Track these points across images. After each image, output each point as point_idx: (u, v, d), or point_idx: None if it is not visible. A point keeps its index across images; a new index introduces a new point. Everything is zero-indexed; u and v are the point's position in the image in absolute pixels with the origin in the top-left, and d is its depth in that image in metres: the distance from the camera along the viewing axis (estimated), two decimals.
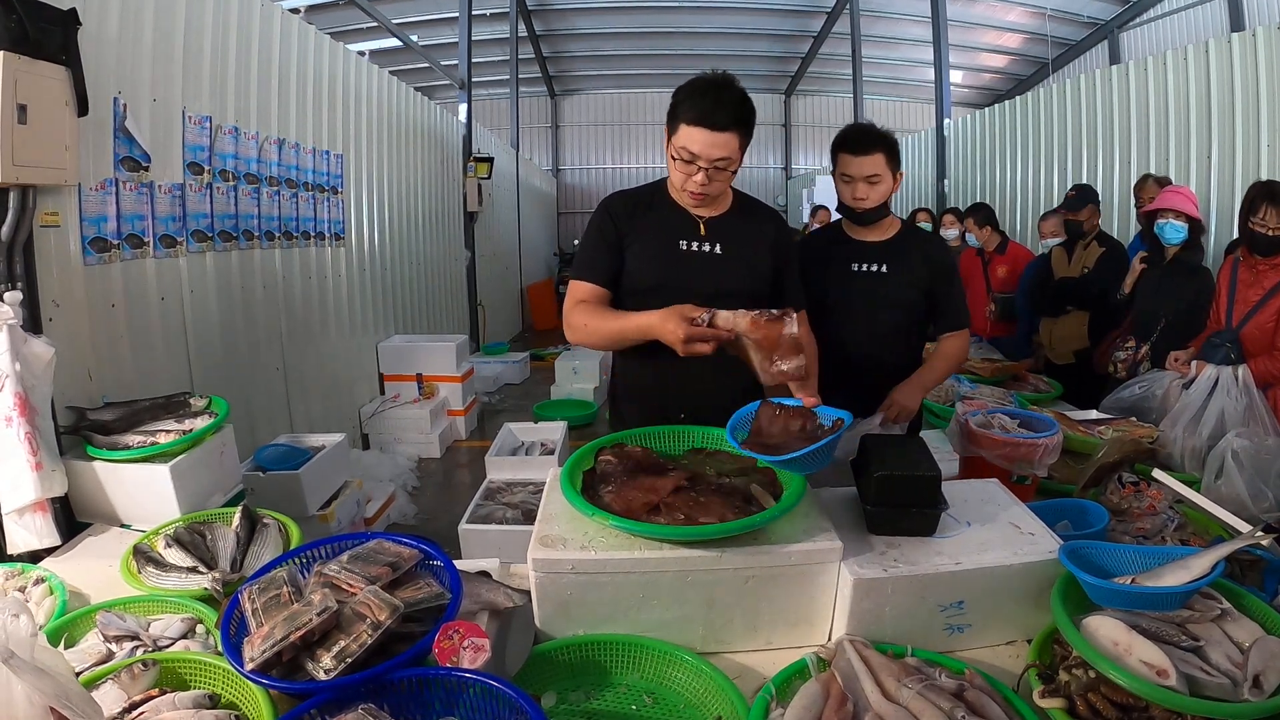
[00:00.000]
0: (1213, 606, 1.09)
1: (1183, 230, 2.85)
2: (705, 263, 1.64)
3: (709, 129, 1.47)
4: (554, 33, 11.67)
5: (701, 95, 1.47)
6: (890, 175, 1.83)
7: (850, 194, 1.85)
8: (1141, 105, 4.53)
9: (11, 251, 1.97)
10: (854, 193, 1.84)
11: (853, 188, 1.84)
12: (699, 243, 1.64)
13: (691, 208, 1.64)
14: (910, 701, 1.01)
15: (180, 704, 1.08)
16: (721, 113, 1.47)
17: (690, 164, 1.52)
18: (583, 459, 1.43)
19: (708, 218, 1.66)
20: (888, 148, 1.81)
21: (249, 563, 1.62)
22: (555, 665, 1.19)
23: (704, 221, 1.65)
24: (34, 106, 1.90)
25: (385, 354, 4.96)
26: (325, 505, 2.91)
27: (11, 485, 1.75)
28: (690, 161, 1.51)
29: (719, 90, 1.48)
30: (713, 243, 1.64)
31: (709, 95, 1.47)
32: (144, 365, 2.60)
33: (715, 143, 1.48)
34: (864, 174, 1.81)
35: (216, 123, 3.08)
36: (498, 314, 8.65)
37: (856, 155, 1.80)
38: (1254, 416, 2.18)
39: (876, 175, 1.81)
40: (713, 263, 1.64)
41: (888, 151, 1.80)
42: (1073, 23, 10.39)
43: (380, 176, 5.07)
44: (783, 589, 1.23)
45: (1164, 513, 1.61)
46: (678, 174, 1.56)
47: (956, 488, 1.48)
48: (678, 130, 1.51)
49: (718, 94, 1.48)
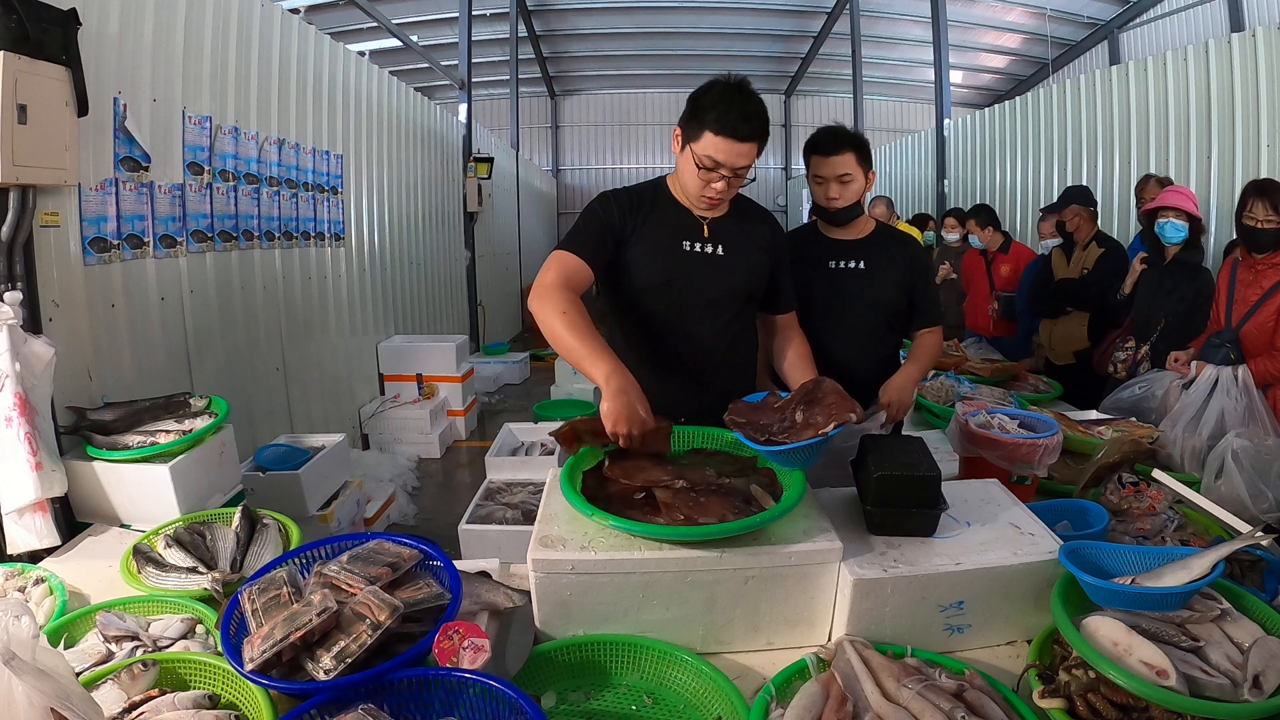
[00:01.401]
0: (1213, 607, 1.09)
1: (1183, 229, 2.85)
2: (709, 264, 1.65)
3: (736, 140, 1.49)
4: (554, 33, 11.66)
5: (729, 105, 1.48)
6: (862, 174, 1.88)
7: (824, 194, 1.91)
8: (1141, 105, 4.53)
9: (11, 251, 1.97)
10: (827, 193, 1.90)
11: (825, 188, 1.89)
12: (702, 244, 1.65)
13: (702, 211, 1.65)
14: (910, 702, 1.01)
15: (180, 704, 1.08)
16: (747, 125, 1.49)
17: (712, 171, 1.53)
18: (582, 459, 1.43)
19: (711, 219, 1.67)
20: (857, 147, 1.86)
21: (249, 563, 1.62)
22: (555, 665, 1.19)
23: (707, 223, 1.66)
24: (34, 106, 1.90)
25: (385, 354, 4.96)
26: (325, 505, 2.91)
27: (11, 485, 1.75)
28: (713, 169, 1.52)
29: (745, 100, 1.50)
30: (715, 244, 1.65)
31: (735, 105, 1.48)
32: (144, 365, 2.60)
33: (740, 152, 1.50)
34: (835, 174, 1.87)
35: (216, 123, 3.08)
36: (498, 314, 8.64)
37: (828, 156, 1.86)
38: (1254, 417, 2.18)
39: (848, 174, 1.87)
40: (716, 264, 1.65)
41: (858, 151, 1.86)
42: (1073, 23, 10.39)
43: (380, 176, 5.07)
44: (783, 589, 1.23)
45: (1164, 513, 1.61)
46: (696, 180, 1.56)
47: (956, 488, 1.48)
48: (701, 137, 1.51)
49: (744, 104, 1.49)
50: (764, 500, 1.30)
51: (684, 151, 1.56)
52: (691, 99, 1.54)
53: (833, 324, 1.92)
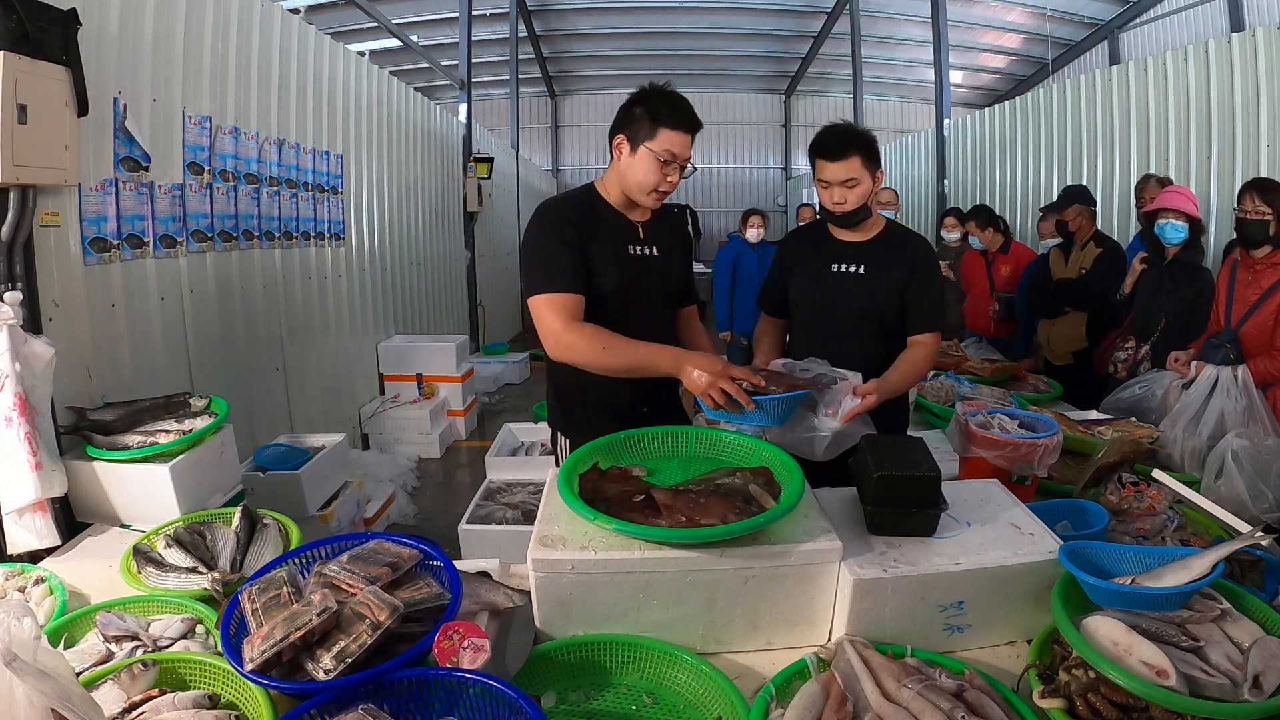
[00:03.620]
0: (1213, 607, 1.09)
1: (1183, 230, 2.85)
2: (651, 266, 1.73)
3: (688, 132, 1.63)
4: (554, 33, 11.67)
5: (674, 104, 1.63)
6: (869, 176, 1.81)
7: (829, 199, 1.84)
8: (1141, 105, 4.53)
9: (11, 251, 1.97)
10: (832, 197, 1.83)
11: (830, 193, 1.82)
12: (642, 246, 1.73)
13: (648, 207, 1.72)
14: (910, 702, 1.01)
15: (180, 704, 1.08)
16: (692, 118, 1.64)
17: (670, 164, 1.63)
18: (580, 461, 1.43)
19: (641, 222, 1.74)
20: (863, 149, 1.78)
21: (249, 563, 1.62)
22: (555, 665, 1.19)
23: (641, 225, 1.73)
24: (34, 106, 1.90)
25: (385, 354, 4.96)
26: (325, 505, 2.91)
27: (11, 485, 1.75)
28: (670, 162, 1.63)
29: (681, 98, 1.65)
30: (651, 245, 1.74)
31: (679, 104, 1.63)
32: (144, 365, 2.60)
33: (688, 143, 1.65)
34: (840, 179, 1.79)
35: (216, 123, 3.08)
36: (497, 314, 8.64)
37: (832, 161, 1.79)
38: (1254, 417, 2.18)
39: (853, 179, 1.78)
40: (656, 265, 1.74)
41: (864, 153, 1.79)
42: (1073, 23, 10.39)
43: (380, 176, 5.07)
44: (783, 589, 1.23)
45: (1164, 513, 1.61)
46: (654, 176, 1.63)
47: (956, 488, 1.48)
48: (657, 135, 1.61)
49: (683, 102, 1.65)
50: (764, 500, 1.30)
51: (635, 153, 1.63)
52: (632, 105, 1.64)
53: (827, 327, 1.90)
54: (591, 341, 1.55)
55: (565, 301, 1.58)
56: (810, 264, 1.93)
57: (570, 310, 1.58)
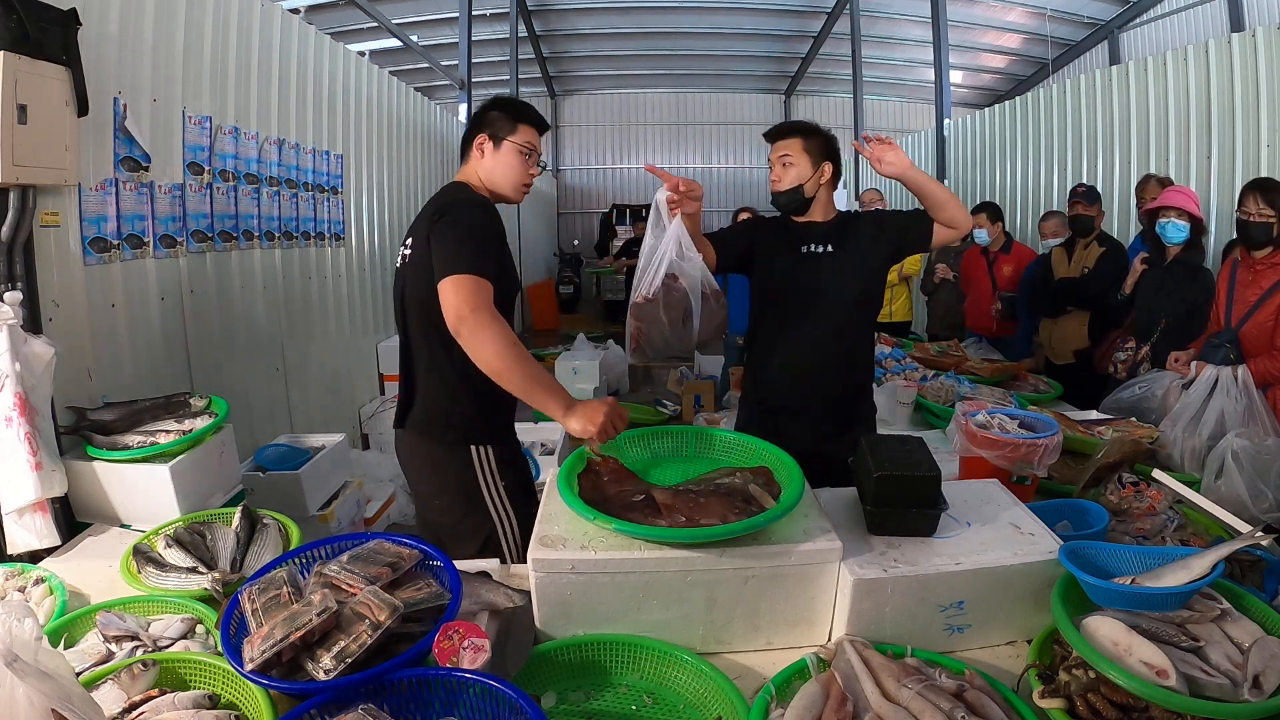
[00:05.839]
0: (1213, 607, 1.09)
1: (1184, 229, 2.85)
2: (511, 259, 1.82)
3: (542, 130, 1.79)
4: (554, 33, 11.66)
5: (522, 105, 1.78)
6: (807, 161, 1.91)
7: (771, 179, 1.97)
8: (1141, 105, 4.53)
9: (11, 251, 1.97)
10: (771, 176, 1.96)
11: (772, 173, 1.97)
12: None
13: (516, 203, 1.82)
14: (910, 702, 1.01)
15: (180, 704, 1.08)
16: (541, 115, 1.80)
17: (531, 157, 1.76)
18: (579, 461, 1.43)
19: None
20: (803, 133, 1.92)
21: (249, 563, 1.62)
22: (555, 665, 1.19)
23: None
24: (34, 106, 1.90)
25: (385, 354, 4.95)
26: (325, 505, 2.91)
27: (11, 485, 1.75)
28: (531, 154, 1.76)
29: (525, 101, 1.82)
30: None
31: (525, 104, 1.78)
32: (144, 365, 2.60)
33: (540, 141, 1.79)
34: (776, 156, 1.94)
35: (216, 123, 3.07)
36: None
37: (772, 141, 1.96)
38: (1254, 417, 2.18)
39: (788, 156, 1.91)
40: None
41: (804, 137, 1.91)
42: (1073, 23, 10.38)
43: (380, 177, 5.07)
44: (783, 589, 1.23)
45: (1164, 513, 1.61)
46: (521, 169, 1.75)
47: (956, 488, 1.48)
48: (518, 130, 1.73)
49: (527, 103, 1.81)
50: (764, 500, 1.30)
51: (500, 149, 1.73)
52: (487, 110, 1.76)
53: (803, 309, 1.92)
54: (508, 339, 1.46)
55: (490, 290, 1.52)
56: (779, 249, 1.97)
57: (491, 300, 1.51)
